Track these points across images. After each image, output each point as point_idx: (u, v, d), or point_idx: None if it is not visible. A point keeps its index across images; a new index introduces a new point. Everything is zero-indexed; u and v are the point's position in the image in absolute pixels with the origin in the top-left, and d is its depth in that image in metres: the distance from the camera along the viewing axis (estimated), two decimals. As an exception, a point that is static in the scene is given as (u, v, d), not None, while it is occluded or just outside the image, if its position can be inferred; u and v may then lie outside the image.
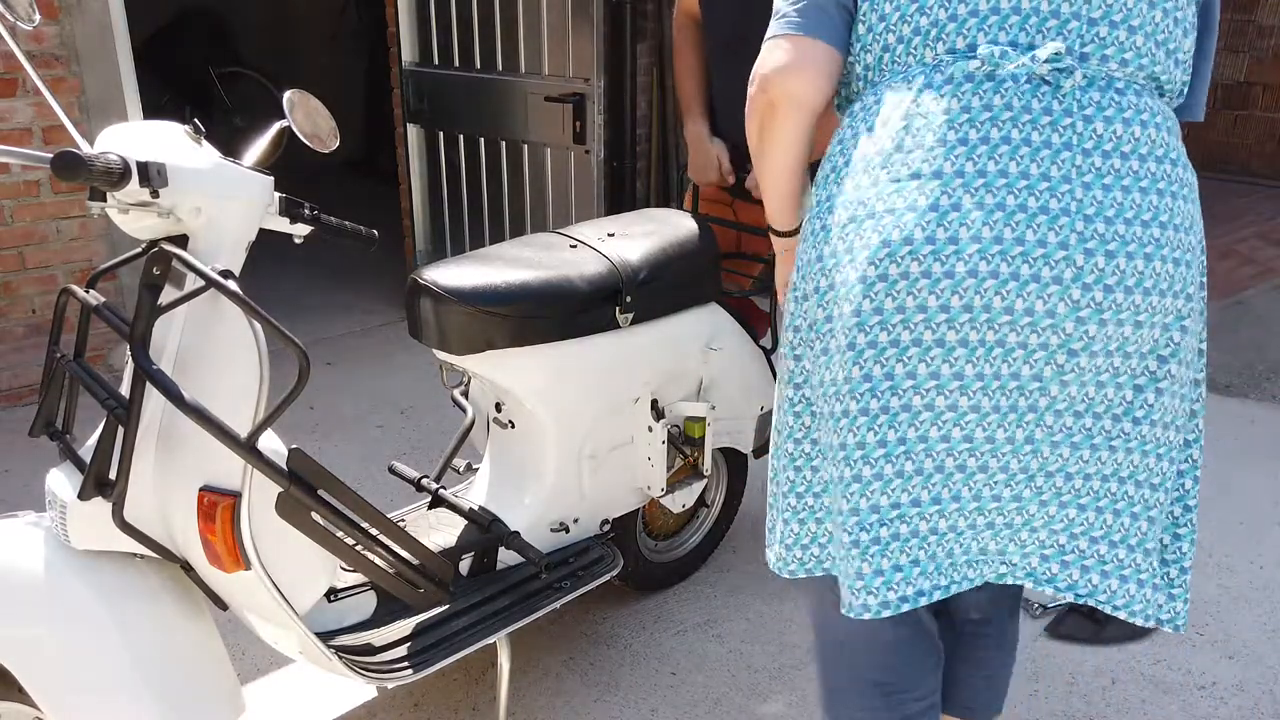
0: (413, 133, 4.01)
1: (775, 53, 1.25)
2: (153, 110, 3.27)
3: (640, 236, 1.89)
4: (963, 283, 1.10)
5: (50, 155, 1.14)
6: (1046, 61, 1.11)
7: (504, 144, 3.69)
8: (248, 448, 1.27)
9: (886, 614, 1.20)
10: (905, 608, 1.20)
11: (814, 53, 1.24)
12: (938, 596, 1.22)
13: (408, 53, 3.88)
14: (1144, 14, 1.13)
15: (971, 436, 1.15)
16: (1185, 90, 1.22)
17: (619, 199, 3.79)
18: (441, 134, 3.92)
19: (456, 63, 3.75)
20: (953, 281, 1.10)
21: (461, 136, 3.84)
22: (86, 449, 1.35)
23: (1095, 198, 1.10)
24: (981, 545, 1.22)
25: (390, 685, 1.56)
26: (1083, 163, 1.10)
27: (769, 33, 1.28)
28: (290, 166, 2.72)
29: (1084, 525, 1.20)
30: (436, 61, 3.82)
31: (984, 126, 1.12)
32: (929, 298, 1.11)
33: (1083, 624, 2.15)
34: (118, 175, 1.17)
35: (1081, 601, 1.24)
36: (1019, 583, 1.25)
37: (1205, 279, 1.21)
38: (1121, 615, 1.24)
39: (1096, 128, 1.11)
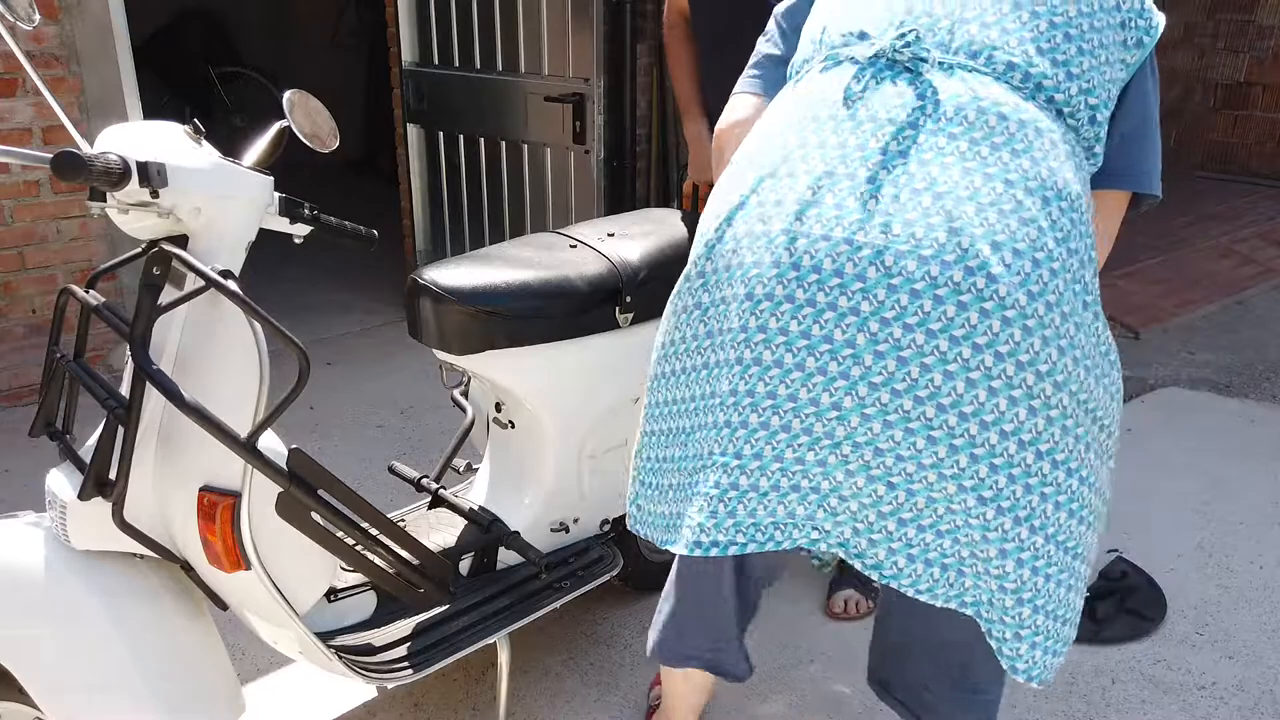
0: (413, 133, 4.01)
1: (737, 110, 1.42)
2: (153, 110, 3.26)
3: (640, 236, 1.89)
4: (775, 240, 1.13)
5: (50, 155, 1.14)
6: (907, 46, 1.14)
7: (504, 144, 3.70)
8: (247, 447, 1.26)
9: (678, 549, 1.25)
10: (698, 552, 1.21)
11: (761, 108, 1.39)
12: (732, 552, 1.21)
13: (408, 53, 3.88)
14: (1024, 20, 1.14)
15: (775, 393, 1.14)
16: (1096, 118, 1.18)
17: (619, 199, 3.79)
18: (441, 134, 3.92)
19: (456, 63, 3.76)
20: (768, 240, 1.13)
21: (461, 136, 3.85)
22: (86, 449, 1.35)
23: (929, 173, 1.09)
24: (789, 509, 1.18)
25: (390, 685, 1.56)
26: (925, 141, 1.10)
27: (735, 88, 1.45)
28: (291, 167, 2.72)
29: (893, 505, 1.14)
30: (436, 61, 3.82)
31: (833, 105, 1.16)
32: (746, 254, 1.16)
33: (1082, 624, 2.14)
34: (118, 175, 1.17)
35: (887, 584, 1.19)
36: (833, 550, 1.19)
37: (1088, 290, 1.12)
38: (925, 599, 1.18)
39: (947, 110, 1.11)
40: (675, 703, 1.70)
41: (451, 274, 1.67)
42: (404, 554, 1.56)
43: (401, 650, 1.59)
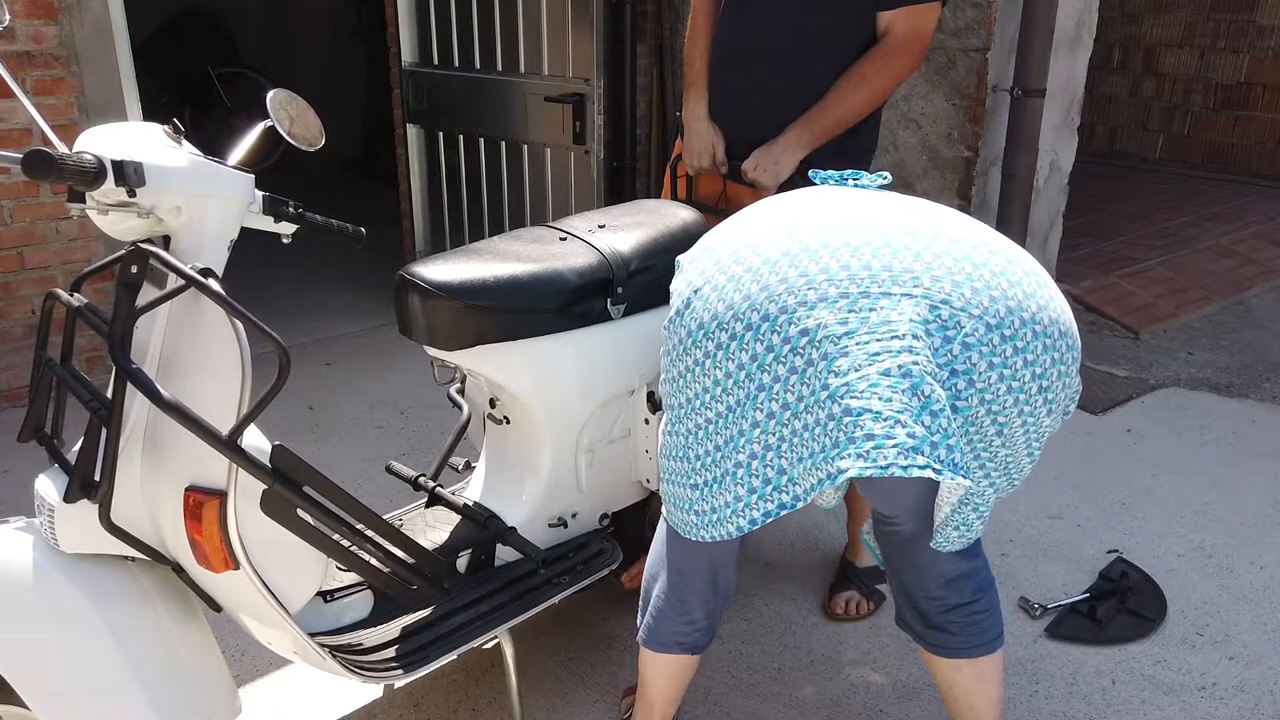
0: (413, 133, 4.01)
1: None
2: (153, 111, 3.27)
3: (630, 227, 1.87)
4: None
5: (20, 155, 1.12)
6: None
7: (504, 144, 3.70)
8: (229, 444, 1.25)
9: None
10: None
11: None
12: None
13: (408, 53, 3.88)
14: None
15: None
16: None
17: (619, 199, 3.79)
18: (441, 134, 3.92)
19: (456, 63, 3.76)
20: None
21: (461, 137, 3.85)
22: (75, 452, 1.34)
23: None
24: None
25: (395, 684, 1.54)
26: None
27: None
28: (289, 168, 2.72)
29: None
30: (436, 61, 3.83)
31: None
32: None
33: (1083, 624, 2.15)
34: (93, 174, 1.15)
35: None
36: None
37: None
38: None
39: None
40: (652, 690, 1.67)
41: (439, 269, 1.66)
42: (395, 551, 1.56)
43: (399, 649, 1.58)
